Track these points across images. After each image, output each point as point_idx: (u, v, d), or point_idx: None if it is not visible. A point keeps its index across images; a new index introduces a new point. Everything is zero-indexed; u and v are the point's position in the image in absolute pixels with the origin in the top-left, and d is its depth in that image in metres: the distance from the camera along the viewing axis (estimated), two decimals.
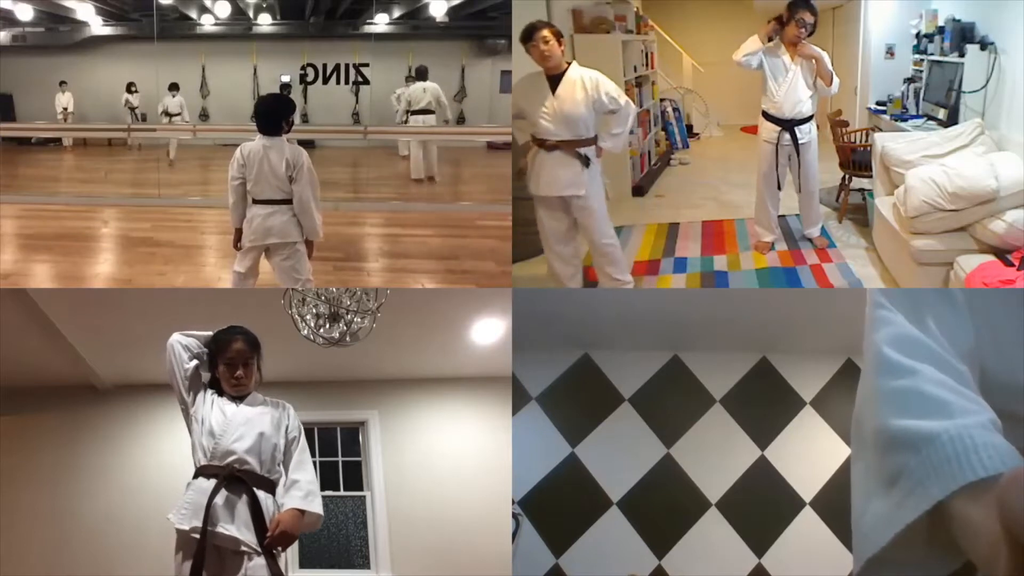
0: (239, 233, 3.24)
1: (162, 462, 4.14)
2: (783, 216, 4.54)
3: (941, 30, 5.04)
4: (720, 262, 4.28)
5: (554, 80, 3.38)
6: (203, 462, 2.31)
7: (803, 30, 3.97)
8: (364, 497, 4.23)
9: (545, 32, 3.30)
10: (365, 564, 4.09)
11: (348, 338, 2.69)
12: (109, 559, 3.89)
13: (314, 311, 2.70)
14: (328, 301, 2.70)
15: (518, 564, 3.59)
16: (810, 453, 3.87)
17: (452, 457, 4.28)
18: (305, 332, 2.69)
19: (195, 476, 2.31)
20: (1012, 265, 3.19)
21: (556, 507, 3.74)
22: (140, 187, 7.52)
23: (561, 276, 3.80)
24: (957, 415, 0.85)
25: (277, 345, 2.92)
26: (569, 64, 3.40)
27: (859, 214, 4.90)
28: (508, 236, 4.27)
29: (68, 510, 4.04)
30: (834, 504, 3.72)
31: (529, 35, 3.32)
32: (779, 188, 4.25)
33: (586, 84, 3.36)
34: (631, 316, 3.81)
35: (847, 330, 3.60)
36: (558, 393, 3.99)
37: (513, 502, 3.73)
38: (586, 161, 3.44)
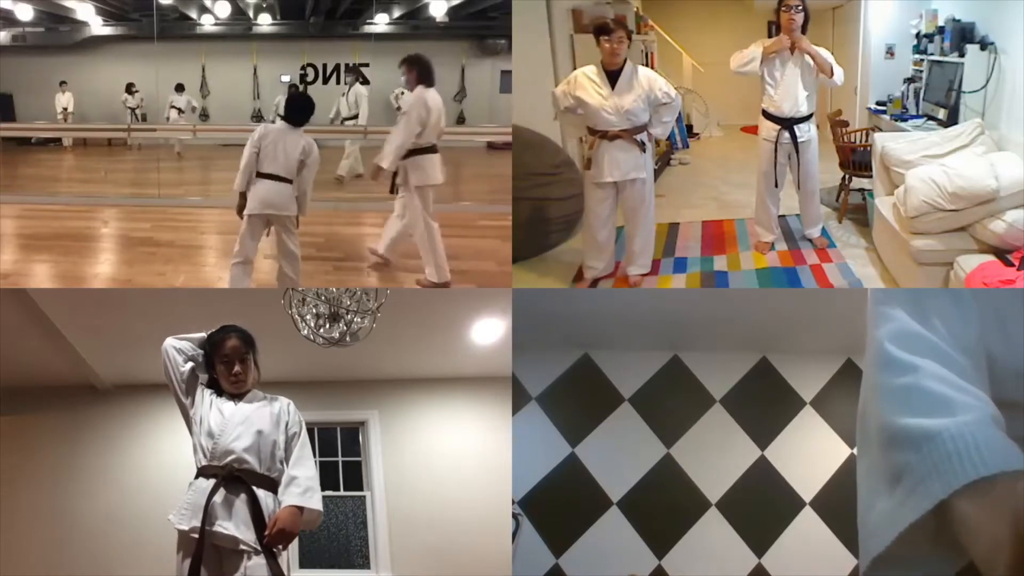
0: (243, 199, 3.57)
1: (162, 462, 4.14)
2: (783, 216, 4.53)
3: (941, 30, 5.03)
4: (720, 262, 4.28)
5: (612, 76, 3.64)
6: (203, 462, 2.31)
7: (792, 11, 3.94)
8: (364, 497, 4.23)
9: (622, 32, 3.62)
10: (365, 564, 4.09)
11: (348, 338, 2.69)
12: (109, 559, 3.90)
13: (314, 311, 2.70)
14: (328, 301, 2.70)
15: (518, 564, 3.59)
16: (810, 453, 3.87)
17: (452, 457, 4.28)
18: (305, 332, 2.69)
19: (196, 476, 2.31)
20: (1012, 265, 3.18)
21: (556, 507, 3.74)
22: (140, 187, 7.51)
23: (592, 264, 3.95)
24: (959, 412, 0.85)
25: (277, 345, 2.92)
26: (625, 61, 3.66)
27: (859, 214, 4.90)
28: (508, 236, 4.27)
29: (68, 510, 4.04)
30: (834, 504, 3.72)
31: (607, 31, 3.60)
32: (777, 186, 4.24)
33: (641, 82, 3.66)
34: (631, 316, 3.81)
35: (847, 330, 3.60)
36: (558, 393, 3.99)
37: (513, 502, 3.73)
38: (643, 147, 3.73)
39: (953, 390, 0.89)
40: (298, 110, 3.69)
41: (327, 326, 2.69)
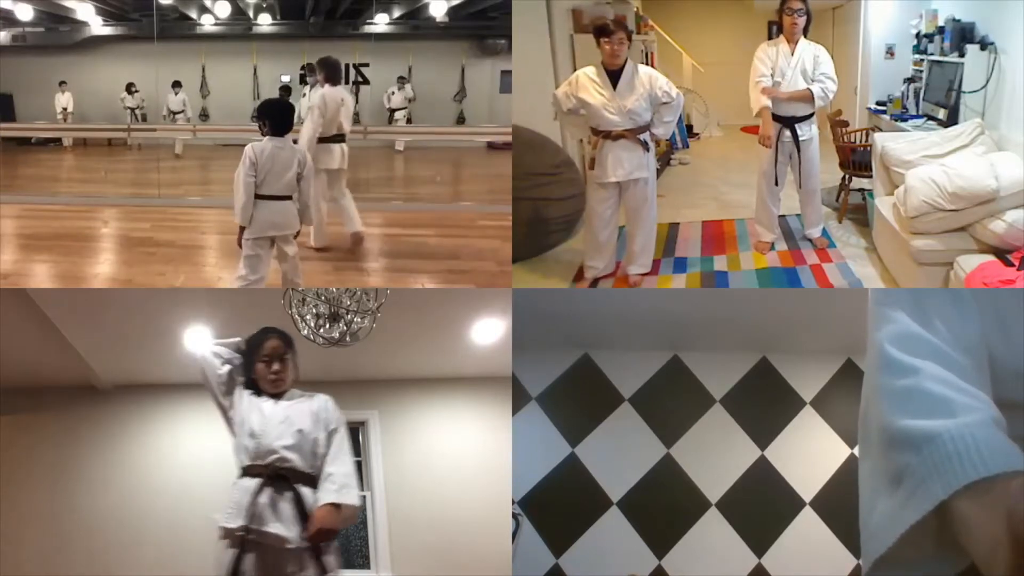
0: (243, 230, 3.34)
1: (162, 462, 4.15)
2: (783, 216, 4.53)
3: (941, 30, 5.03)
4: (720, 262, 4.28)
5: (613, 75, 3.65)
6: (246, 462, 2.36)
7: (796, 15, 3.97)
8: (364, 497, 4.22)
9: (622, 33, 3.63)
10: (365, 564, 4.08)
11: (348, 338, 2.69)
12: (109, 559, 3.89)
13: (314, 311, 2.70)
14: (328, 301, 2.70)
15: (518, 564, 3.59)
16: (810, 453, 3.87)
17: (452, 457, 4.27)
18: (305, 332, 2.69)
19: (240, 476, 2.35)
20: (1012, 265, 3.18)
21: (556, 507, 3.74)
22: (140, 187, 7.51)
23: (592, 264, 3.93)
24: (959, 413, 0.85)
25: None
26: (626, 60, 3.67)
27: (859, 214, 4.90)
28: (508, 236, 4.27)
29: (68, 510, 4.04)
30: (834, 504, 3.72)
31: (607, 31, 3.61)
32: (778, 185, 4.25)
33: (643, 80, 3.67)
34: (631, 316, 3.81)
35: (847, 330, 3.61)
36: (558, 393, 3.99)
37: (513, 502, 3.73)
38: (646, 146, 3.74)
39: (954, 391, 0.89)
40: (281, 118, 3.43)
41: (327, 326, 2.70)
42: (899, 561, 0.86)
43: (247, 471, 2.33)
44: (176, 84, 9.33)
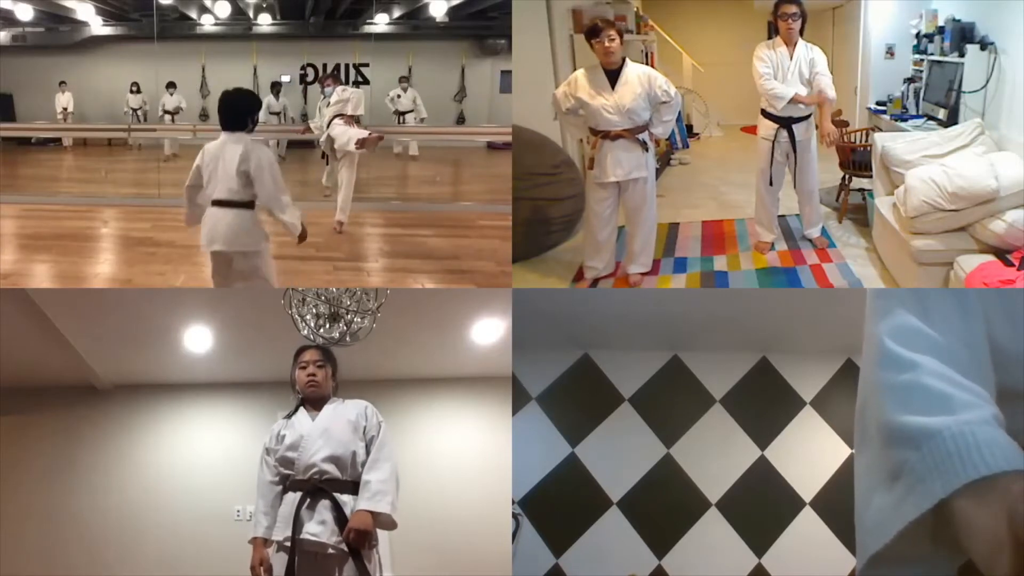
0: None
1: (162, 462, 4.15)
2: (783, 216, 4.53)
3: (941, 30, 5.03)
4: (720, 262, 4.28)
5: (611, 75, 3.66)
6: (283, 472, 2.50)
7: (791, 20, 3.98)
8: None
9: (612, 31, 3.61)
10: None
11: (348, 338, 2.69)
12: (108, 559, 3.90)
13: (314, 311, 2.70)
14: (328, 301, 2.69)
15: (518, 564, 3.59)
16: (810, 453, 3.86)
17: (452, 457, 4.27)
18: (305, 332, 2.69)
19: (284, 491, 2.50)
20: (1012, 265, 3.18)
21: (556, 507, 3.74)
22: (140, 187, 7.51)
23: (592, 264, 3.94)
24: (959, 410, 0.84)
25: (277, 345, 2.92)
26: (624, 60, 3.67)
27: (859, 214, 4.90)
28: (508, 236, 4.27)
29: (67, 510, 4.04)
30: (834, 504, 3.72)
31: (597, 32, 3.60)
32: (773, 185, 4.25)
33: (641, 79, 3.66)
34: (631, 316, 3.81)
35: (847, 330, 3.60)
36: (558, 393, 3.99)
37: (513, 502, 3.73)
38: (645, 146, 3.74)
39: (953, 387, 0.88)
40: (229, 111, 2.92)
41: (327, 326, 2.70)
42: (895, 558, 0.85)
43: (291, 486, 2.47)
44: (170, 85, 9.31)
